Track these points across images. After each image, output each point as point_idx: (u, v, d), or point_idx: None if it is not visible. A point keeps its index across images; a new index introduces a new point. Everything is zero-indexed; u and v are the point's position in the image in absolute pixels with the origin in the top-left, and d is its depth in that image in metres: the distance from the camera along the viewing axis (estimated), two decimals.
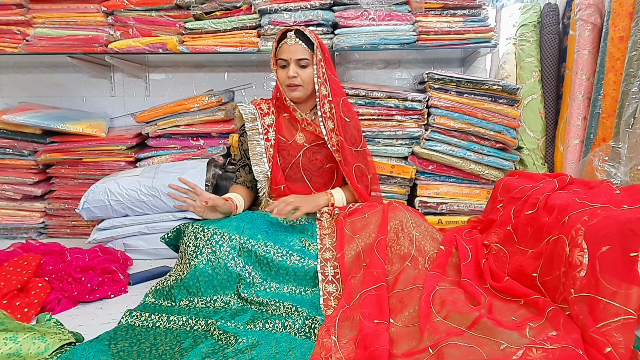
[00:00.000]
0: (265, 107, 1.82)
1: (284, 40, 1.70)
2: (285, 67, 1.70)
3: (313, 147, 1.79)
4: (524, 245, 1.36)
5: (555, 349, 0.98)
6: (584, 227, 1.09)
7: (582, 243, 1.07)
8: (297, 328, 1.27)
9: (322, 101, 1.71)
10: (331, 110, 1.72)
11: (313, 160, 1.79)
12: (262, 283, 1.48)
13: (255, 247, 1.49)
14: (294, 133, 1.80)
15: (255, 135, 1.77)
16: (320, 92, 1.71)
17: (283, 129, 1.81)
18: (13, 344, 1.08)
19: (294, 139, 1.78)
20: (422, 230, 1.54)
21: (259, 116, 1.79)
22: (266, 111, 1.81)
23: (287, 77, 1.69)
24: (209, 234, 1.49)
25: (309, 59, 1.69)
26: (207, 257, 1.45)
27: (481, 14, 2.23)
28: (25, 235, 2.44)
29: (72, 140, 2.37)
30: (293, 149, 1.79)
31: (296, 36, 1.69)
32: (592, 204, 1.18)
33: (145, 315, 1.35)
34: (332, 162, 1.81)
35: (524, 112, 2.32)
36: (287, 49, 1.69)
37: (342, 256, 1.47)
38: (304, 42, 1.69)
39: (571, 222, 1.15)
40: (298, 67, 1.69)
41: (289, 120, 1.81)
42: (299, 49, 1.68)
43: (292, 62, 1.69)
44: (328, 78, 1.72)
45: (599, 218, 1.09)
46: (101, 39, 2.32)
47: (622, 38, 1.90)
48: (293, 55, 1.68)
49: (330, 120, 1.73)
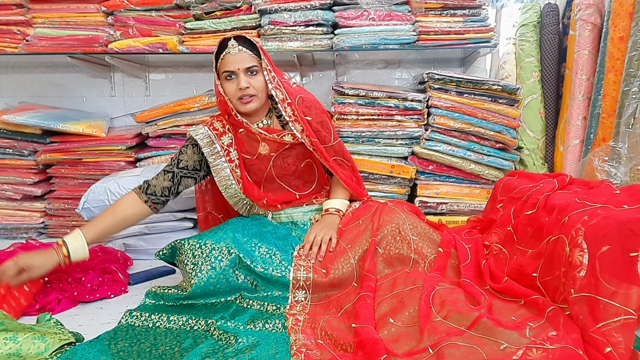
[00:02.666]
0: (219, 125, 1.67)
1: (226, 51, 1.55)
2: (232, 78, 1.57)
3: (280, 153, 1.67)
4: (523, 245, 1.36)
5: (555, 349, 0.98)
6: (584, 227, 1.09)
7: (582, 243, 1.07)
8: None
9: (282, 105, 1.60)
10: (294, 112, 1.61)
11: (285, 166, 1.69)
12: (264, 290, 1.47)
13: (252, 265, 1.47)
14: (256, 146, 1.67)
15: (217, 160, 1.64)
16: (277, 97, 1.60)
17: (244, 145, 1.68)
18: (13, 344, 1.08)
19: (258, 152, 1.66)
20: (420, 232, 1.53)
21: (215, 137, 1.64)
22: (221, 130, 1.66)
23: (239, 89, 1.55)
24: (207, 249, 1.45)
25: (257, 65, 1.57)
26: (207, 274, 1.42)
27: (481, 14, 2.23)
28: (25, 235, 2.44)
29: (72, 140, 2.37)
30: (261, 162, 1.68)
31: (239, 44, 1.55)
32: (592, 204, 1.18)
33: (145, 315, 1.35)
34: (307, 158, 1.71)
35: (524, 112, 2.32)
36: (232, 60, 1.54)
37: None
38: (248, 49, 1.56)
39: (571, 222, 1.15)
40: (248, 76, 1.56)
41: (246, 135, 1.67)
42: (245, 57, 1.55)
43: (241, 72, 1.55)
44: (280, 81, 1.62)
45: (599, 218, 1.09)
46: (101, 39, 2.32)
47: (622, 38, 1.90)
48: (240, 65, 1.54)
49: (297, 123, 1.62)
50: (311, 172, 1.76)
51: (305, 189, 1.76)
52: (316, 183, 1.78)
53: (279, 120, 1.71)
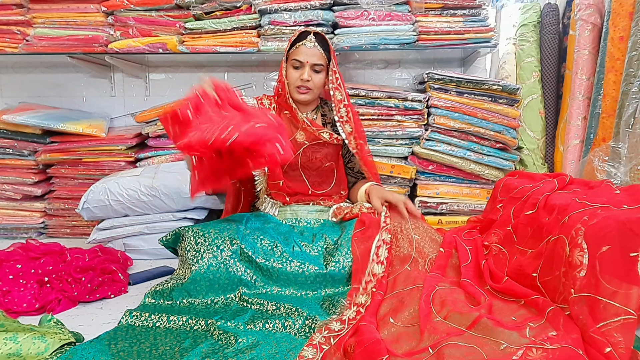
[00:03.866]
0: (267, 102, 1.81)
1: (303, 42, 1.69)
2: (299, 68, 1.70)
3: (313, 145, 1.78)
4: (523, 245, 1.36)
5: (555, 349, 0.98)
6: (584, 227, 1.09)
7: (582, 243, 1.07)
8: (297, 328, 1.27)
9: (337, 106, 1.75)
10: (348, 114, 1.75)
11: (312, 159, 1.78)
12: (263, 286, 1.47)
13: (254, 256, 1.48)
14: (294, 131, 1.77)
15: None
16: (335, 97, 1.74)
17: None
18: (13, 344, 1.08)
19: (294, 136, 1.76)
20: (421, 232, 1.54)
21: None
22: (267, 107, 1.80)
23: (300, 79, 1.69)
24: (210, 238, 1.48)
25: (323, 65, 1.71)
26: (208, 262, 1.44)
27: (481, 14, 2.23)
28: (25, 235, 2.44)
29: (72, 140, 2.37)
30: (292, 146, 1.77)
31: (316, 39, 1.69)
32: (592, 204, 1.18)
33: (145, 315, 1.35)
34: (331, 161, 1.81)
35: (524, 112, 2.32)
36: (305, 51, 1.68)
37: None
38: (322, 48, 1.69)
39: (571, 222, 1.15)
40: (312, 71, 1.69)
41: (289, 119, 1.79)
42: (316, 54, 1.69)
43: (308, 66, 1.68)
44: (342, 83, 1.75)
45: (598, 218, 1.09)
46: (101, 39, 2.32)
47: (622, 38, 1.90)
48: (310, 59, 1.68)
49: (348, 124, 1.76)
50: (331, 175, 1.84)
51: (320, 188, 1.82)
52: (332, 186, 1.85)
53: (322, 118, 1.83)
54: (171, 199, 2.04)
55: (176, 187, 2.03)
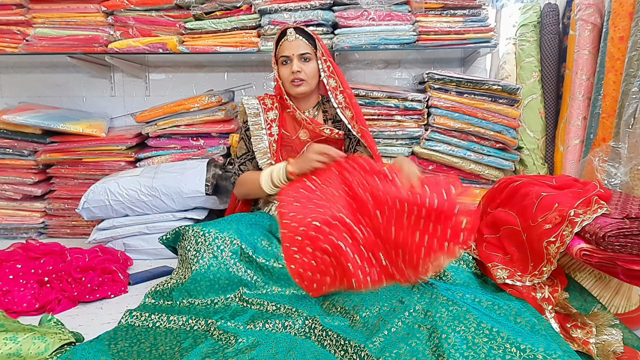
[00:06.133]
0: (269, 102, 1.82)
1: (284, 38, 1.71)
2: (287, 63, 1.71)
3: (317, 142, 1.77)
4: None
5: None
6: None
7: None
8: (297, 328, 1.26)
9: (333, 93, 1.74)
10: (345, 99, 1.75)
11: None
12: (264, 286, 1.47)
13: (254, 255, 1.48)
14: (297, 129, 1.79)
15: (258, 131, 1.77)
16: (329, 85, 1.74)
17: (287, 124, 1.81)
18: (13, 344, 1.08)
19: (298, 134, 1.78)
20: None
21: (262, 111, 1.79)
22: (270, 106, 1.81)
23: (291, 72, 1.70)
24: (210, 238, 1.48)
25: (311, 53, 1.71)
26: (208, 262, 1.44)
27: (481, 14, 2.23)
28: (25, 235, 2.44)
29: (72, 140, 2.37)
30: (297, 144, 1.79)
31: (296, 32, 1.71)
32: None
33: (145, 315, 1.35)
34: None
35: (524, 112, 2.32)
36: (289, 46, 1.70)
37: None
38: (304, 38, 1.71)
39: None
40: (301, 61, 1.70)
41: (292, 116, 1.80)
42: (300, 44, 1.70)
43: (295, 57, 1.69)
44: (335, 70, 1.74)
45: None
46: (101, 39, 2.32)
47: (622, 38, 1.90)
48: (295, 51, 1.69)
49: (348, 109, 1.75)
50: None
51: None
52: None
53: (324, 115, 1.83)
54: (171, 199, 2.03)
55: (176, 187, 2.03)
